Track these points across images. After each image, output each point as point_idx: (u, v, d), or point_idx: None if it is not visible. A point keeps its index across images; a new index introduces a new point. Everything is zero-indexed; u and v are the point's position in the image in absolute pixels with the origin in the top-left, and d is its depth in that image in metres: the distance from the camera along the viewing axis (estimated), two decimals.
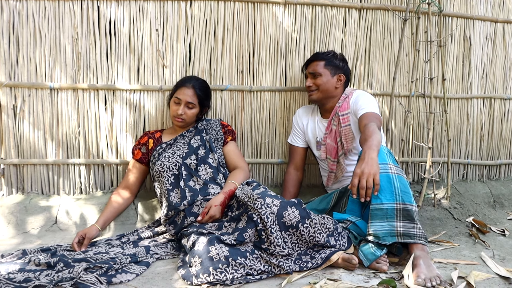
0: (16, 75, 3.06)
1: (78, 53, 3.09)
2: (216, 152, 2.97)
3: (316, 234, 2.39)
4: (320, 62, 3.04)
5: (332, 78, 3.03)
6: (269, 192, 2.53)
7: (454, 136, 3.64)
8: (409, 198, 2.43)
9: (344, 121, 3.00)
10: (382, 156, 2.49)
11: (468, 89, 3.62)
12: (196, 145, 2.91)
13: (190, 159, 2.84)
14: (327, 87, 3.03)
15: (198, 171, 2.84)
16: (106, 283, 2.15)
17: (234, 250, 2.27)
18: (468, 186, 3.56)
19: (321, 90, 3.03)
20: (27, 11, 3.02)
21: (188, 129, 3.02)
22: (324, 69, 3.03)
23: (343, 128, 3.00)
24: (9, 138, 3.08)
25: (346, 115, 3.00)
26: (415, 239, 2.39)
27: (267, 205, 2.37)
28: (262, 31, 3.26)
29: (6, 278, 2.17)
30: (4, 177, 3.12)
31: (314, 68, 3.05)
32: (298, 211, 2.40)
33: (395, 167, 2.48)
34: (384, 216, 2.40)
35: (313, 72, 3.04)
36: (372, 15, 3.38)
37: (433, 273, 2.23)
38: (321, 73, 3.02)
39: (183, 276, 2.24)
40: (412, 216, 2.40)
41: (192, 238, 2.42)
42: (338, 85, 3.06)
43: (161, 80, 3.19)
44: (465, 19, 3.54)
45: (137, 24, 3.12)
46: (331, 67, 3.04)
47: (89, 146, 3.17)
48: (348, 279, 2.27)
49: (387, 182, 2.42)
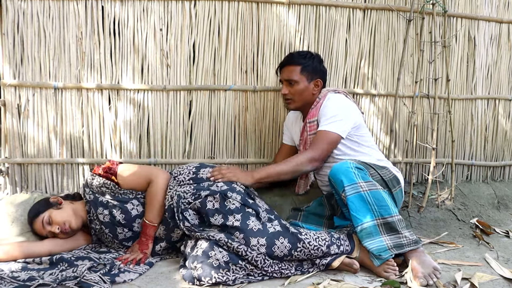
0: (21, 75, 3.06)
1: (82, 53, 3.10)
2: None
3: (313, 251, 2.34)
4: (296, 68, 2.85)
5: (309, 84, 2.87)
6: (250, 225, 2.37)
7: (458, 137, 3.62)
8: (387, 210, 2.41)
9: (311, 129, 2.88)
10: (350, 177, 2.45)
11: (473, 89, 3.61)
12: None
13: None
14: (304, 96, 2.88)
15: None
16: (110, 283, 2.16)
17: (233, 255, 2.27)
18: (472, 187, 3.55)
19: (297, 99, 2.88)
20: (32, 10, 3.02)
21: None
22: (300, 75, 2.84)
23: (309, 136, 2.88)
24: (13, 138, 3.09)
25: (313, 123, 2.87)
26: (405, 248, 2.38)
27: (252, 248, 2.29)
28: (266, 31, 3.25)
29: (10, 277, 2.18)
30: (8, 176, 3.12)
31: (289, 75, 2.86)
32: (286, 239, 2.33)
33: (365, 183, 2.44)
34: (370, 234, 2.39)
35: (288, 79, 2.86)
36: (377, 16, 3.37)
37: (429, 268, 2.27)
38: (297, 81, 2.84)
39: (184, 276, 2.24)
40: (395, 228, 2.39)
41: (190, 243, 2.41)
42: (315, 91, 2.90)
43: (165, 79, 3.19)
44: (470, 20, 3.52)
45: (141, 24, 3.12)
46: (307, 73, 2.85)
47: (93, 145, 3.17)
48: (351, 280, 2.27)
49: (361, 201, 2.41)
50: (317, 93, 2.92)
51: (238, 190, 2.52)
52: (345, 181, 2.44)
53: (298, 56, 2.89)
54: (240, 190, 2.53)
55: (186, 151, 3.26)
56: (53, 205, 2.59)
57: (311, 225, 2.75)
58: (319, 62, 2.92)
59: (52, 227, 2.53)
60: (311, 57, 2.89)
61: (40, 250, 2.48)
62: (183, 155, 3.27)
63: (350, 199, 2.41)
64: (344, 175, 2.45)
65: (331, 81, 3.34)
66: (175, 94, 3.20)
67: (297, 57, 2.88)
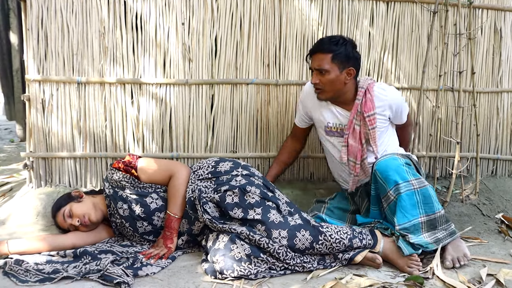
0: (45, 70, 3.10)
1: (105, 47, 3.12)
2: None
3: (335, 245, 2.33)
4: (326, 56, 2.63)
5: (341, 74, 2.65)
6: (271, 217, 2.38)
7: (483, 130, 3.56)
8: (431, 208, 2.44)
9: (371, 123, 2.71)
10: (403, 174, 2.45)
11: (498, 82, 3.54)
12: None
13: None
14: (335, 86, 2.68)
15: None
16: (132, 276, 2.17)
17: (255, 248, 2.27)
18: (498, 182, 3.50)
19: (329, 89, 2.69)
20: (55, 6, 3.05)
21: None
22: (331, 64, 2.63)
23: (371, 131, 2.72)
24: (38, 132, 3.13)
25: (372, 116, 2.70)
26: (443, 241, 2.42)
27: (274, 240, 2.29)
28: (289, 24, 3.23)
29: (35, 269, 2.22)
30: (33, 170, 3.17)
31: (319, 64, 2.64)
32: (308, 231, 2.33)
33: (416, 180, 2.46)
34: (415, 230, 2.41)
35: (318, 68, 2.65)
36: (400, 8, 3.33)
37: (460, 252, 2.31)
38: (328, 70, 2.63)
39: (207, 270, 2.25)
40: (434, 225, 2.44)
41: (211, 237, 2.42)
42: (347, 81, 2.70)
43: (187, 73, 3.19)
44: (496, 11, 3.45)
45: (163, 18, 3.13)
46: (339, 61, 2.63)
47: (116, 139, 3.20)
48: (374, 275, 2.25)
49: (411, 199, 2.43)
50: (350, 82, 2.72)
51: (256, 184, 2.52)
52: (398, 178, 2.44)
53: (329, 42, 2.66)
54: (259, 184, 2.53)
55: (208, 145, 3.27)
56: (74, 199, 2.63)
57: (334, 219, 2.74)
58: (352, 48, 2.70)
59: (72, 220, 2.57)
60: (343, 43, 2.65)
61: (63, 243, 2.52)
62: (205, 149, 3.27)
63: (402, 197, 2.41)
64: (397, 173, 2.45)
65: None
66: (197, 88, 3.21)
67: (328, 43, 2.66)
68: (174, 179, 2.58)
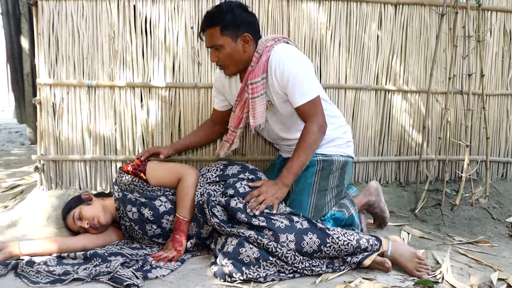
0: (56, 74, 3.12)
1: (115, 51, 3.14)
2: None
3: (343, 247, 2.31)
4: (215, 30, 2.42)
5: (236, 43, 2.45)
6: (276, 223, 2.34)
7: (493, 133, 3.55)
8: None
9: (254, 91, 2.50)
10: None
11: (508, 85, 3.53)
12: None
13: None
14: (235, 58, 2.48)
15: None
16: (142, 278, 2.18)
17: (263, 251, 2.26)
18: (508, 185, 3.48)
19: (230, 63, 2.50)
20: (66, 11, 3.08)
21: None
22: (222, 37, 2.42)
23: (251, 100, 2.52)
24: (48, 135, 3.16)
25: (255, 84, 2.49)
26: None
27: (282, 244, 2.27)
28: (297, 28, 3.24)
29: (46, 271, 2.24)
30: (44, 172, 3.19)
31: (211, 41, 2.45)
32: (315, 235, 2.32)
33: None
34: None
35: (212, 45, 2.46)
36: (408, 11, 3.33)
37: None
38: (222, 44, 2.43)
39: (216, 273, 2.25)
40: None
41: (220, 240, 2.43)
42: (246, 48, 2.48)
43: (196, 77, 3.21)
44: (505, 13, 3.44)
45: (173, 22, 3.15)
46: (229, 31, 2.42)
47: (126, 142, 3.22)
48: (383, 279, 2.25)
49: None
50: (250, 48, 2.50)
51: None
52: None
53: (214, 14, 2.45)
54: None
55: (217, 148, 3.28)
56: (84, 201, 2.65)
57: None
58: (241, 11, 2.47)
59: (82, 222, 2.59)
60: (228, 10, 2.43)
61: (74, 245, 2.54)
62: (214, 152, 3.28)
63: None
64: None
65: (363, 77, 3.31)
66: (206, 91, 3.22)
67: (213, 16, 2.45)
68: (182, 182, 2.59)
